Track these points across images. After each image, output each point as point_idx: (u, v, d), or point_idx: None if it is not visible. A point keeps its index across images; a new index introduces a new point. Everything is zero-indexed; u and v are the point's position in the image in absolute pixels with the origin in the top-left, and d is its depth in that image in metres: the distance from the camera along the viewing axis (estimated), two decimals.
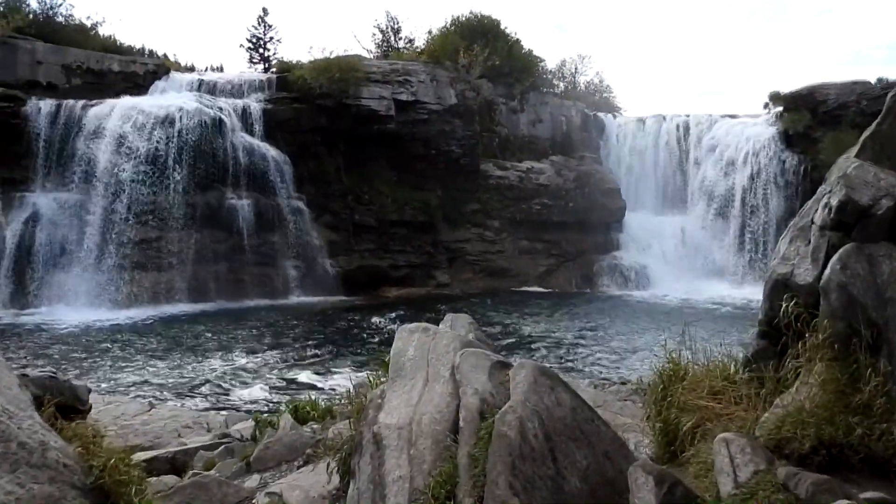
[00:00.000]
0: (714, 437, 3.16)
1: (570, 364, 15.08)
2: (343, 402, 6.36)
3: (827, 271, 3.40)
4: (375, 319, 20.15)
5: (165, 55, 30.88)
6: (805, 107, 29.72)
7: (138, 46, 29.38)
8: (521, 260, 30.70)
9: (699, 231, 31.14)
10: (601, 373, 14.17)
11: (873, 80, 29.29)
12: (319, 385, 12.23)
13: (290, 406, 7.09)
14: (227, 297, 22.67)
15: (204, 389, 12.09)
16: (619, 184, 32.55)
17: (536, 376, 3.46)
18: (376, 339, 17.24)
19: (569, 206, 31.28)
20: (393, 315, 21.06)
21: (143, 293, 21.22)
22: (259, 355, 15.12)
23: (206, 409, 10.22)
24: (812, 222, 3.80)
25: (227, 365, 14.05)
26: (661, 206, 32.89)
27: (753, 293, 27.85)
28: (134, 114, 21.94)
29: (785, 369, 3.47)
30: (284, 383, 12.59)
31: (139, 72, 24.77)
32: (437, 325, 4.92)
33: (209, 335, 17.50)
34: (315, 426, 6.35)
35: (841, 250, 3.41)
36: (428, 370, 4.02)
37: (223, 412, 9.51)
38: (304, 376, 13.00)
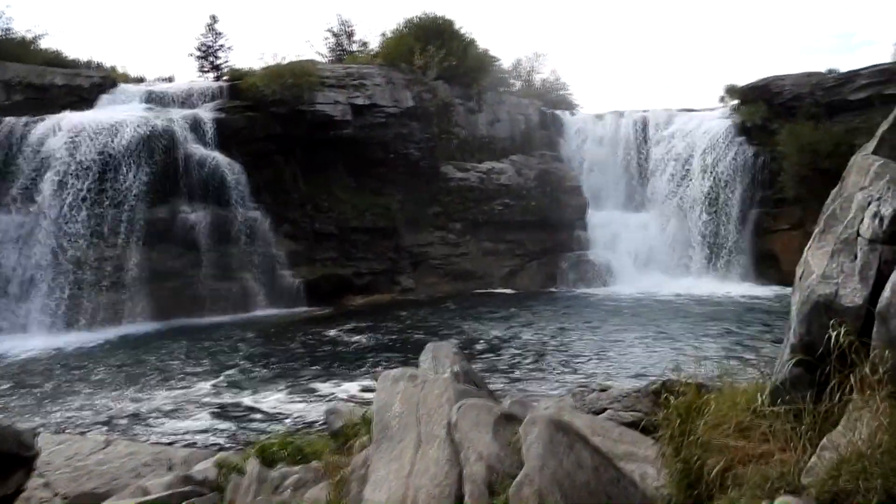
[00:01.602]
0: (749, 483, 2.77)
1: (542, 370, 14.73)
2: (313, 435, 5.84)
3: (886, 293, 2.96)
4: (334, 332, 19.52)
5: (113, 67, 29.80)
6: (761, 99, 29.95)
7: (85, 59, 28.32)
8: (486, 261, 30.39)
9: (661, 226, 31.18)
10: (575, 378, 13.85)
11: (825, 71, 29.65)
12: (286, 411, 11.62)
13: (257, 447, 6.55)
14: (185, 314, 21.84)
15: (162, 419, 11.40)
16: (580, 181, 32.44)
17: (552, 434, 2.99)
18: (341, 354, 16.66)
19: (531, 206, 31.05)
20: (357, 325, 20.50)
21: (96, 315, 20.27)
22: (220, 377, 14.44)
23: (167, 444, 9.59)
24: (858, 234, 3.35)
25: (186, 390, 13.33)
26: (622, 202, 32.86)
27: (716, 287, 28.10)
28: (79, 129, 20.96)
29: (827, 402, 3.06)
30: (248, 409, 11.96)
31: (84, 85, 23.75)
32: (416, 360, 4.41)
33: (166, 357, 16.72)
34: (284, 469, 5.83)
35: None
36: (419, 429, 3.43)
37: (184, 448, 8.90)
38: (269, 401, 12.35)
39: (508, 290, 29.28)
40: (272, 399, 12.50)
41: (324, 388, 13.14)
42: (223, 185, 23.44)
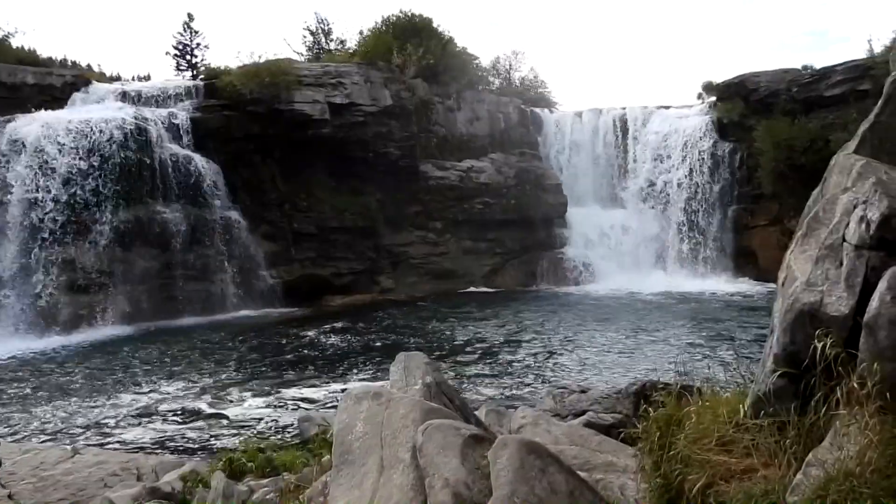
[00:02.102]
0: (732, 501, 2.65)
1: (522, 371, 14.61)
2: (285, 446, 5.65)
3: (874, 302, 2.82)
4: (311, 334, 19.26)
5: (89, 65, 29.36)
6: (737, 95, 30.09)
7: (61, 58, 27.83)
8: (466, 260, 30.28)
9: (640, 223, 31.25)
10: (556, 378, 13.76)
11: (800, 68, 29.81)
12: (258, 416, 11.38)
13: (225, 459, 6.34)
14: (161, 316, 21.50)
15: (133, 426, 11.13)
16: (560, 179, 32.40)
17: (523, 457, 2.84)
18: (316, 357, 16.38)
19: (511, 204, 30.98)
20: (334, 327, 20.24)
21: (68, 318, 19.86)
22: (192, 381, 14.14)
23: (135, 451, 9.35)
24: (844, 240, 3.17)
25: (157, 395, 13.01)
26: (602, 199, 32.89)
27: (695, 283, 28.20)
28: (51, 128, 20.50)
29: (813, 415, 2.93)
30: (220, 414, 11.69)
31: (56, 84, 23.26)
32: (396, 364, 4.21)
33: (138, 361, 16.37)
34: (252, 483, 5.64)
35: (889, 275, 2.83)
36: (382, 453, 3.20)
37: (154, 456, 8.66)
38: (243, 406, 12.09)
39: (489, 289, 29.21)
40: (245, 404, 12.24)
41: (297, 392, 12.87)
42: (199, 186, 23.10)
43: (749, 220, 29.38)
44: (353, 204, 27.41)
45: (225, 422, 11.24)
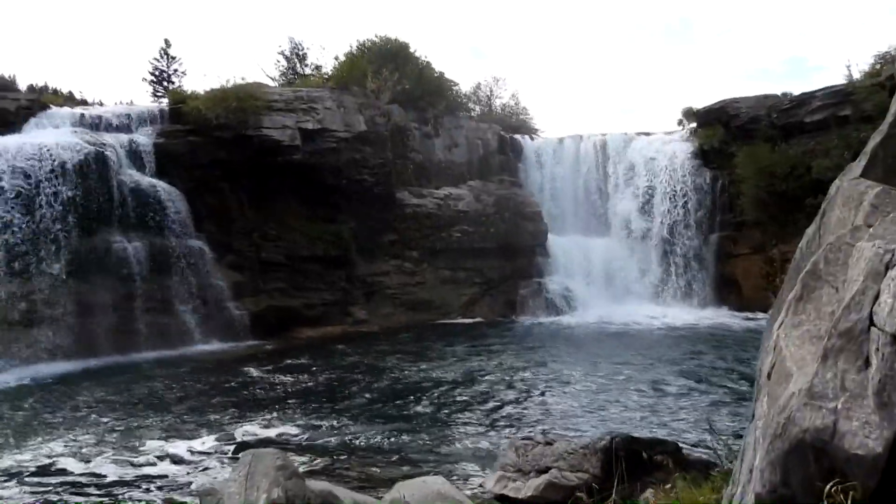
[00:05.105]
0: None
1: (486, 417, 13.67)
2: None
3: None
4: (265, 371, 18.12)
5: (56, 89, 28.39)
6: (718, 122, 29.69)
7: (35, 83, 26.92)
8: (444, 290, 29.42)
9: (622, 252, 30.58)
10: (521, 423, 12.84)
11: (780, 94, 29.44)
12: (158, 472, 10.17)
13: None
14: (118, 351, 20.37)
15: (51, 477, 10.07)
16: (540, 206, 31.71)
17: None
18: (251, 399, 15.09)
19: (490, 232, 30.24)
20: (292, 363, 19.13)
21: (16, 353, 18.74)
22: (107, 425, 12.92)
23: None
24: (871, 323, 1.96)
25: (53, 446, 11.75)
26: (583, 228, 32.19)
27: (677, 313, 27.39)
28: (2, 154, 19.50)
29: None
30: (149, 465, 10.64)
31: (10, 108, 22.25)
32: None
33: (66, 401, 15.14)
34: None
35: None
36: None
37: None
38: (168, 456, 11.00)
39: (467, 320, 28.32)
40: (173, 447, 11.17)
41: (207, 443, 11.70)
42: (161, 214, 22.15)
43: (732, 248, 28.77)
44: (325, 232, 26.53)
45: (150, 471, 10.18)
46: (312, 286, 25.95)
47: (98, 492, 9.38)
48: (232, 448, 11.27)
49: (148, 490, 9.48)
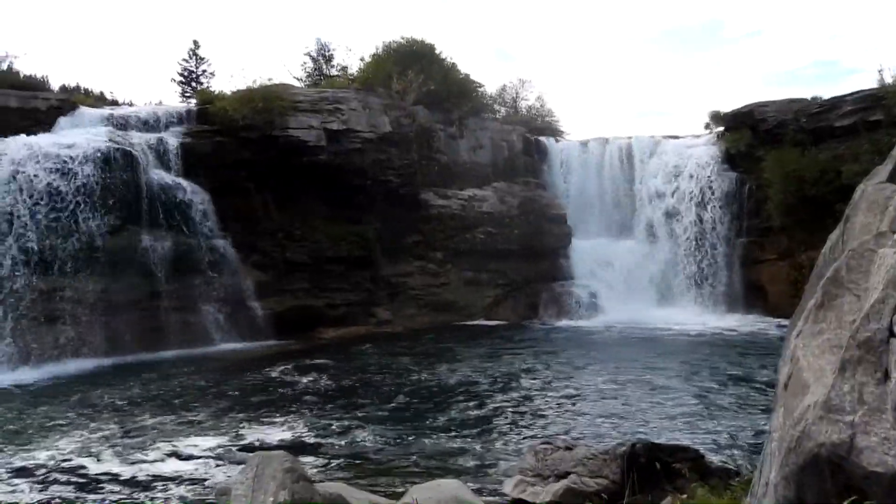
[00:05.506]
0: None
1: (507, 419, 13.58)
2: None
3: None
4: (287, 370, 18.11)
5: (86, 90, 28.70)
6: (745, 125, 29.27)
7: (67, 83, 27.21)
8: (467, 292, 29.37)
9: (646, 256, 30.28)
10: (541, 427, 12.75)
11: (809, 98, 28.96)
12: (178, 472, 10.22)
13: None
14: (144, 349, 20.62)
15: (69, 477, 10.18)
16: (564, 209, 31.54)
17: None
18: (270, 401, 15.03)
19: (514, 234, 30.15)
20: (314, 363, 19.10)
21: (45, 350, 19.03)
22: (128, 423, 13.08)
23: None
24: (891, 333, 1.90)
25: (87, 440, 11.90)
26: (607, 230, 31.95)
27: (702, 318, 27.05)
28: (30, 153, 19.83)
29: None
30: (164, 464, 10.71)
31: (41, 108, 22.64)
32: None
33: (106, 397, 15.38)
34: None
35: None
36: None
37: None
38: (183, 455, 11.09)
39: (490, 322, 28.25)
40: (163, 452, 11.15)
41: (223, 443, 11.74)
42: (187, 213, 22.39)
43: (758, 253, 28.34)
44: (349, 233, 26.63)
45: (170, 473, 10.26)
46: (336, 286, 26.04)
47: (112, 490, 9.47)
48: (246, 448, 11.32)
49: (166, 489, 9.56)
